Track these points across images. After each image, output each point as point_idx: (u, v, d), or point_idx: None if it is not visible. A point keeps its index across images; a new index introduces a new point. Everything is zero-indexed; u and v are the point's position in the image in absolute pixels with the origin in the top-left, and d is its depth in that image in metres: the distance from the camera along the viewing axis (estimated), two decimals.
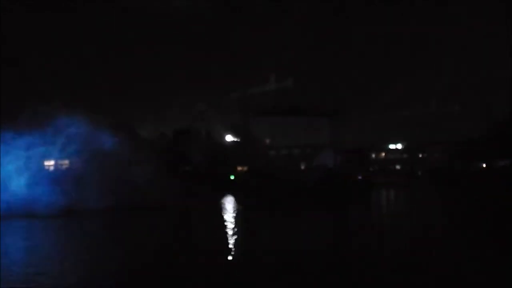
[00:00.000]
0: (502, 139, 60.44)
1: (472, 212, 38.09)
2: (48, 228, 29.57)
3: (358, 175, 60.99)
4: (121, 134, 39.87)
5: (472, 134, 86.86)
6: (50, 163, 39.59)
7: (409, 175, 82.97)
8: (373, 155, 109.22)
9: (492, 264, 17.62)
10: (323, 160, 73.86)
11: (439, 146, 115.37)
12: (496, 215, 32.94)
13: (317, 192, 49.16)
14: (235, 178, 65.40)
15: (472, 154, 73.31)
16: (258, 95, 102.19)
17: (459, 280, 15.31)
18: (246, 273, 16.14)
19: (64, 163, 39.73)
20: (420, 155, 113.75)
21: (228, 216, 38.70)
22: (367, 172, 70.51)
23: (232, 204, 49.03)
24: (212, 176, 70.02)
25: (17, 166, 36.33)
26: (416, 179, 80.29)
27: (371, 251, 20.17)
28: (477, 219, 32.77)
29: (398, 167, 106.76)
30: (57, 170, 39.12)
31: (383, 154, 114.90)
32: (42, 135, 37.75)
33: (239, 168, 72.73)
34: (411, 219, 32.14)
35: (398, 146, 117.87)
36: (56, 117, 38.07)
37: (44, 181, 36.18)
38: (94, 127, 38.94)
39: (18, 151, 36.78)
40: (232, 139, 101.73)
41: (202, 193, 56.04)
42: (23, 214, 32.77)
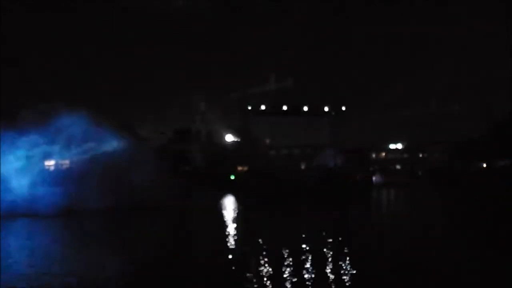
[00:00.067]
0: (502, 139, 60.43)
1: (472, 212, 38.11)
2: (49, 228, 29.60)
3: (358, 175, 60.99)
4: (121, 134, 39.88)
5: (472, 134, 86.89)
6: (50, 163, 39.61)
7: (409, 175, 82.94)
8: (373, 155, 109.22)
9: (492, 264, 17.66)
10: (323, 160, 73.84)
11: (439, 146, 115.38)
12: (496, 215, 32.96)
13: (317, 192, 49.17)
14: (235, 178, 65.42)
15: (472, 154, 73.31)
16: (258, 95, 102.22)
17: (459, 280, 15.35)
18: (245, 272, 16.16)
19: (65, 163, 39.75)
20: (420, 155, 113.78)
21: (228, 216, 38.72)
22: (367, 172, 70.46)
23: (232, 204, 49.05)
24: (212, 176, 70.04)
25: (18, 166, 36.36)
26: (416, 179, 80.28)
27: (371, 250, 20.22)
28: (477, 219, 32.80)
29: (398, 167, 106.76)
30: (57, 170, 39.14)
31: (383, 154, 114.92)
32: (43, 135, 37.78)
33: (239, 168, 72.71)
34: (411, 219, 32.17)
35: (398, 146, 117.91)
36: (57, 117, 38.10)
37: (45, 181, 36.24)
38: (94, 128, 38.97)
39: (19, 152, 36.81)
40: (232, 139, 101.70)
41: (202, 193, 56.10)
42: (24, 214, 32.83)
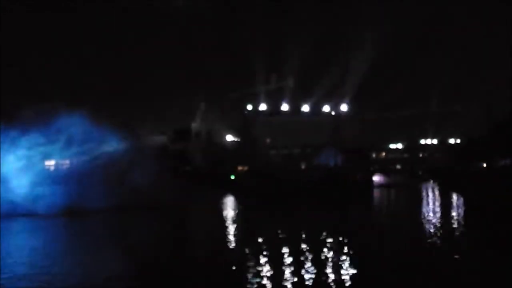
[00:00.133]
0: (502, 139, 60.38)
1: (472, 212, 38.13)
2: (49, 227, 29.60)
3: (358, 175, 60.98)
4: (121, 134, 39.89)
5: (472, 134, 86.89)
6: (50, 163, 39.62)
7: (409, 175, 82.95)
8: (373, 155, 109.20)
9: (492, 264, 17.67)
10: (323, 160, 73.84)
11: (439, 146, 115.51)
12: (496, 215, 32.98)
13: (317, 192, 49.16)
14: (235, 178, 65.44)
15: (472, 154, 73.24)
16: (258, 95, 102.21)
17: (459, 280, 15.36)
18: (245, 273, 16.18)
19: (65, 163, 39.76)
20: (420, 155, 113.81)
21: (228, 216, 38.73)
22: (367, 172, 70.44)
23: (232, 204, 49.08)
24: (212, 176, 70.06)
25: (18, 166, 36.35)
26: (417, 178, 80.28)
27: (371, 250, 20.23)
28: (477, 219, 32.83)
29: (398, 167, 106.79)
30: (57, 170, 39.15)
31: (383, 154, 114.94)
32: (43, 135, 37.78)
33: (239, 168, 72.73)
34: (411, 219, 32.17)
35: (398, 146, 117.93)
36: (57, 117, 38.11)
37: (45, 181, 36.24)
38: (94, 128, 38.97)
39: (19, 151, 36.81)
40: (232, 139, 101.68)
41: (202, 193, 56.10)
42: (24, 214, 32.84)
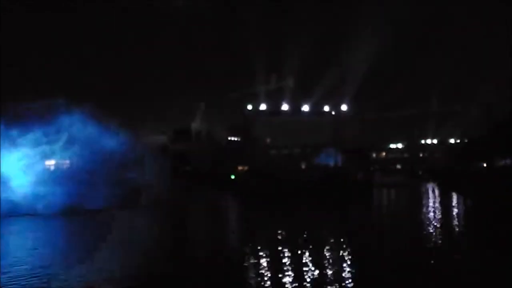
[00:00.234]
0: (502, 139, 60.38)
1: (472, 212, 38.16)
2: (50, 227, 29.62)
3: (358, 175, 60.94)
4: (122, 134, 39.91)
5: (472, 134, 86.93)
6: (51, 162, 39.64)
7: (409, 175, 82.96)
8: (373, 155, 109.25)
9: (492, 264, 17.69)
10: (323, 160, 73.84)
11: (439, 146, 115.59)
12: (496, 215, 33.00)
13: (317, 192, 49.14)
14: (236, 178, 65.44)
15: (472, 154, 73.26)
16: (258, 95, 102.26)
17: (459, 280, 15.38)
18: (245, 272, 16.21)
19: (65, 162, 39.77)
20: (420, 155, 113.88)
21: (229, 215, 38.79)
22: (367, 172, 70.43)
23: (232, 204, 49.10)
24: (213, 176, 70.13)
25: (19, 166, 36.36)
26: (417, 178, 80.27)
27: (371, 250, 20.25)
28: (477, 219, 32.85)
29: (398, 166, 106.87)
30: (58, 169, 39.16)
31: (383, 154, 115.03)
32: (44, 135, 37.80)
33: (239, 168, 72.74)
34: (411, 219, 32.17)
35: (398, 146, 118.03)
36: (58, 117, 38.14)
37: (46, 180, 36.23)
38: (95, 127, 38.99)
39: (20, 151, 36.82)
40: (232, 139, 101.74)
41: (203, 193, 56.13)
42: (25, 213, 32.84)
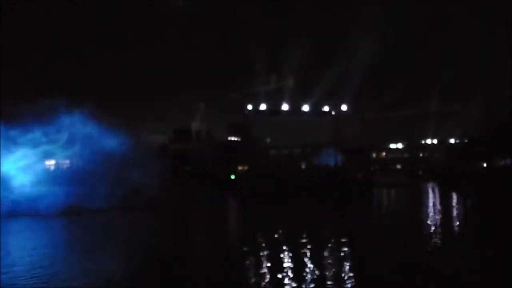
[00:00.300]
0: (502, 139, 60.37)
1: (472, 211, 38.17)
2: (50, 227, 29.62)
3: (359, 175, 60.90)
4: (122, 134, 39.93)
5: (472, 134, 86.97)
6: (51, 162, 39.65)
7: (409, 175, 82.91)
8: (373, 155, 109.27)
9: (492, 264, 17.70)
10: (323, 160, 73.90)
11: (439, 146, 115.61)
12: (496, 215, 33.02)
13: (317, 191, 49.15)
14: (236, 177, 65.44)
15: (472, 154, 73.26)
16: (258, 95, 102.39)
17: (459, 280, 15.39)
18: (245, 272, 16.22)
19: (65, 162, 39.78)
20: (420, 155, 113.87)
21: (229, 215, 38.79)
22: (367, 171, 70.41)
23: (232, 204, 49.10)
24: (213, 176, 70.13)
25: (19, 166, 36.35)
26: (417, 178, 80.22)
27: (371, 250, 20.26)
28: (477, 219, 32.86)
29: (398, 166, 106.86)
30: (58, 169, 39.17)
31: (383, 154, 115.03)
32: (44, 135, 37.82)
33: (240, 167, 72.77)
34: (411, 219, 32.17)
35: (398, 146, 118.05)
36: (58, 117, 38.17)
37: (46, 180, 36.24)
38: (95, 127, 39.02)
39: (20, 151, 36.84)
40: (232, 139, 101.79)
41: (203, 192, 56.15)
42: (25, 213, 32.83)
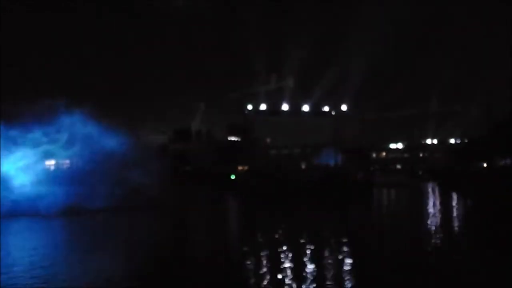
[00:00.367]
0: (502, 139, 60.40)
1: (472, 211, 38.18)
2: (50, 227, 29.62)
3: (359, 175, 60.91)
4: (122, 134, 39.93)
5: (472, 134, 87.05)
6: (51, 162, 39.65)
7: (409, 175, 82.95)
8: (373, 155, 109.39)
9: (492, 264, 17.70)
10: (323, 160, 73.95)
11: (439, 146, 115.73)
12: (496, 215, 33.03)
13: (317, 191, 49.16)
14: (236, 177, 65.45)
15: (472, 154, 73.30)
16: (258, 95, 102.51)
17: (459, 280, 15.39)
18: (245, 272, 16.23)
19: (65, 162, 39.78)
20: (420, 155, 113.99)
21: (228, 215, 38.81)
22: (367, 171, 70.44)
23: (232, 204, 49.10)
24: (213, 176, 70.15)
25: (19, 165, 36.35)
26: (417, 178, 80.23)
27: (371, 250, 20.27)
28: (477, 219, 32.87)
29: (398, 166, 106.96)
30: (58, 169, 39.16)
31: (383, 154, 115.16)
32: (44, 135, 37.83)
33: (240, 167, 72.78)
34: (411, 219, 32.19)
35: (398, 145, 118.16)
36: (58, 117, 38.18)
37: (46, 180, 36.24)
38: (95, 127, 39.03)
39: (20, 151, 36.84)
40: (232, 138, 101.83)
41: (203, 192, 56.16)
42: (25, 213, 32.81)
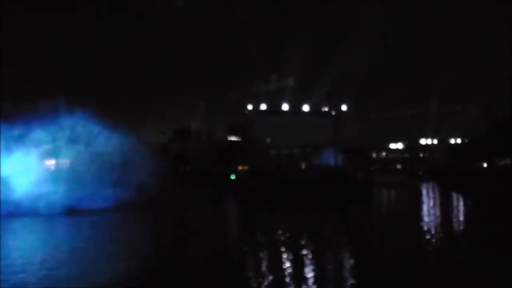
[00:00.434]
0: (502, 139, 60.45)
1: (472, 211, 38.17)
2: (50, 227, 29.63)
3: (359, 175, 60.93)
4: (122, 134, 39.93)
5: (472, 134, 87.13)
6: (52, 162, 39.64)
7: (409, 175, 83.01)
8: (373, 155, 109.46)
9: (492, 264, 17.71)
10: (323, 160, 73.92)
11: (439, 146, 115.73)
12: (496, 215, 33.03)
13: (317, 191, 49.17)
14: (236, 177, 65.47)
15: (472, 154, 73.36)
16: (258, 95, 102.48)
17: (459, 280, 15.39)
18: (245, 272, 16.22)
19: (65, 162, 39.77)
20: (420, 155, 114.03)
21: (229, 215, 38.82)
22: (367, 171, 70.46)
23: (232, 204, 49.12)
24: (213, 176, 70.19)
25: (20, 165, 36.32)
26: (417, 178, 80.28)
27: (371, 250, 20.26)
28: (477, 219, 32.87)
29: (398, 166, 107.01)
30: (58, 169, 39.14)
31: (383, 154, 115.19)
32: (45, 135, 37.82)
33: (240, 167, 72.79)
34: (411, 219, 32.18)
35: (398, 145, 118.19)
36: (58, 117, 38.16)
37: (47, 180, 36.22)
38: (95, 127, 39.01)
39: (20, 151, 36.82)
40: (232, 139, 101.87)
41: (203, 192, 56.20)
42: (26, 213, 32.83)
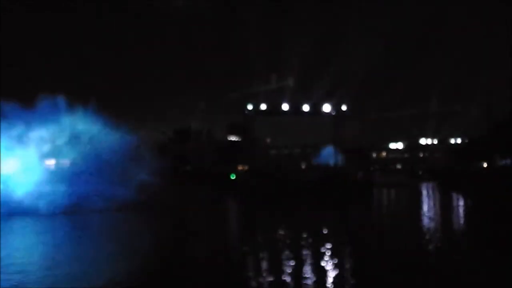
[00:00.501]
0: (502, 139, 60.50)
1: (472, 211, 38.21)
2: (50, 227, 29.63)
3: (359, 175, 60.97)
4: (122, 134, 39.97)
5: (472, 134, 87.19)
6: (52, 161, 39.68)
7: (409, 175, 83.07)
8: (373, 155, 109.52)
9: (492, 264, 17.73)
10: (323, 160, 73.95)
11: (439, 146, 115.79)
12: (496, 215, 33.06)
13: (317, 191, 49.21)
14: (236, 177, 65.50)
15: (472, 154, 73.41)
16: (258, 95, 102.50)
17: (459, 280, 15.42)
18: (245, 272, 16.25)
19: (66, 162, 39.81)
20: (420, 155, 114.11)
21: (228, 215, 38.87)
22: (367, 171, 70.52)
23: (232, 204, 49.15)
24: (212, 176, 70.19)
25: (20, 165, 36.35)
26: (417, 178, 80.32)
27: (371, 250, 20.29)
28: (477, 219, 32.91)
29: (398, 166, 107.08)
30: (59, 168, 39.18)
31: (383, 154, 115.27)
32: (45, 134, 37.85)
33: (240, 167, 72.80)
34: (411, 219, 32.21)
35: (398, 145, 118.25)
36: (58, 117, 38.21)
37: (47, 179, 36.26)
38: (95, 127, 39.07)
39: (20, 150, 36.86)
40: (232, 139, 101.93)
41: (202, 192, 56.18)
42: (26, 213, 32.84)
